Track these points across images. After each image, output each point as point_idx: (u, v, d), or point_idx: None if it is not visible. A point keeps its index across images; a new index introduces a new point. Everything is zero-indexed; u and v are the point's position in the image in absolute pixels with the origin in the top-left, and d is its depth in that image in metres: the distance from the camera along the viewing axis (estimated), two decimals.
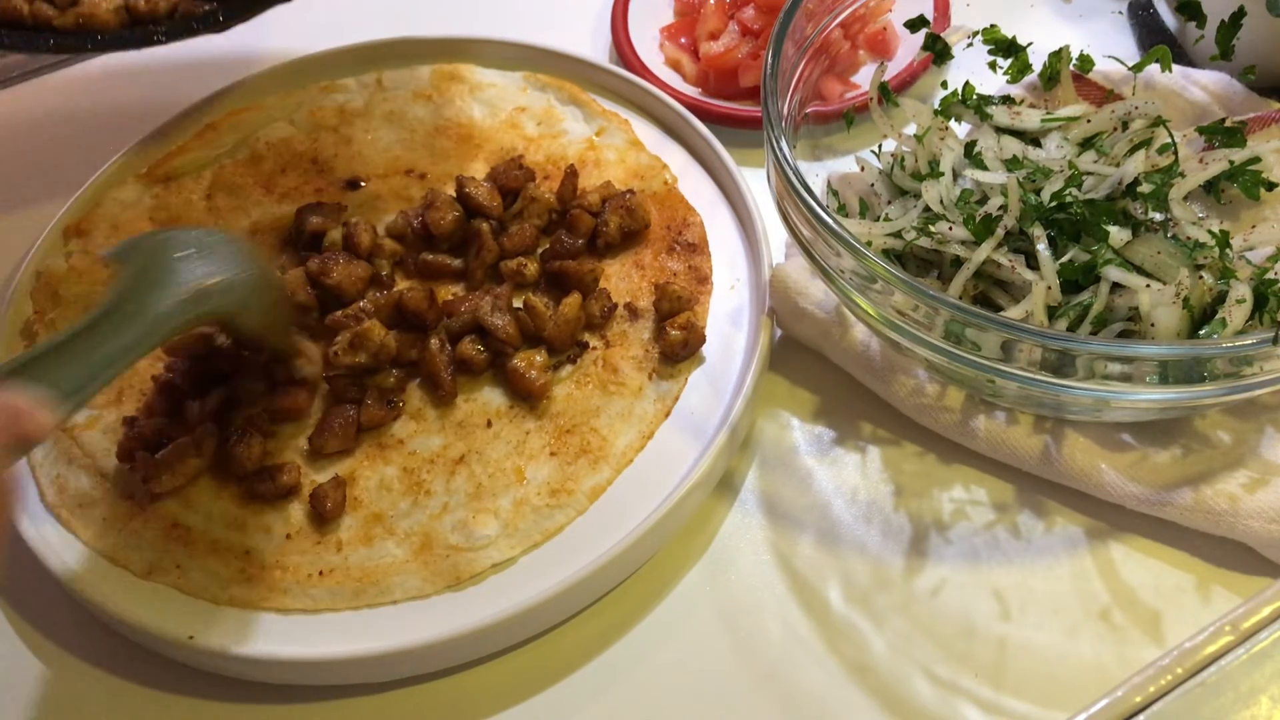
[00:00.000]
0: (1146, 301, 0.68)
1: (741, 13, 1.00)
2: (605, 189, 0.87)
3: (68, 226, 0.90)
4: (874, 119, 0.82)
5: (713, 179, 0.90)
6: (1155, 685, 0.56)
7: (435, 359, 0.78)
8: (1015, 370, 0.63)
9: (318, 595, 0.71)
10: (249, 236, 0.89)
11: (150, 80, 1.07)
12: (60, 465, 0.77)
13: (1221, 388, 0.62)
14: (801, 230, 0.70)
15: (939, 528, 0.73)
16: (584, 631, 0.70)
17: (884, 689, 0.66)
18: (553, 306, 0.80)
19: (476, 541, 0.71)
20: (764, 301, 0.80)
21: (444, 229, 0.84)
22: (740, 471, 0.77)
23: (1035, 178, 0.75)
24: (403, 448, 0.77)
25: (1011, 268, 0.70)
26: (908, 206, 0.78)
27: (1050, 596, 0.69)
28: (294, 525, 0.74)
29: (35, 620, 0.73)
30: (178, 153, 0.94)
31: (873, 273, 0.65)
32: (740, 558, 0.73)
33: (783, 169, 0.69)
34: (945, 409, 0.74)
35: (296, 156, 0.94)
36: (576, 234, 0.84)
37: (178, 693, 0.70)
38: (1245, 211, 0.77)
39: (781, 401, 0.80)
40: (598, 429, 0.76)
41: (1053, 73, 0.84)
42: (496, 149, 0.93)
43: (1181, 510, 0.69)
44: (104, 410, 0.79)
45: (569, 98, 0.96)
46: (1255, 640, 0.57)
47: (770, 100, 0.72)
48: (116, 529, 0.74)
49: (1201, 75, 0.85)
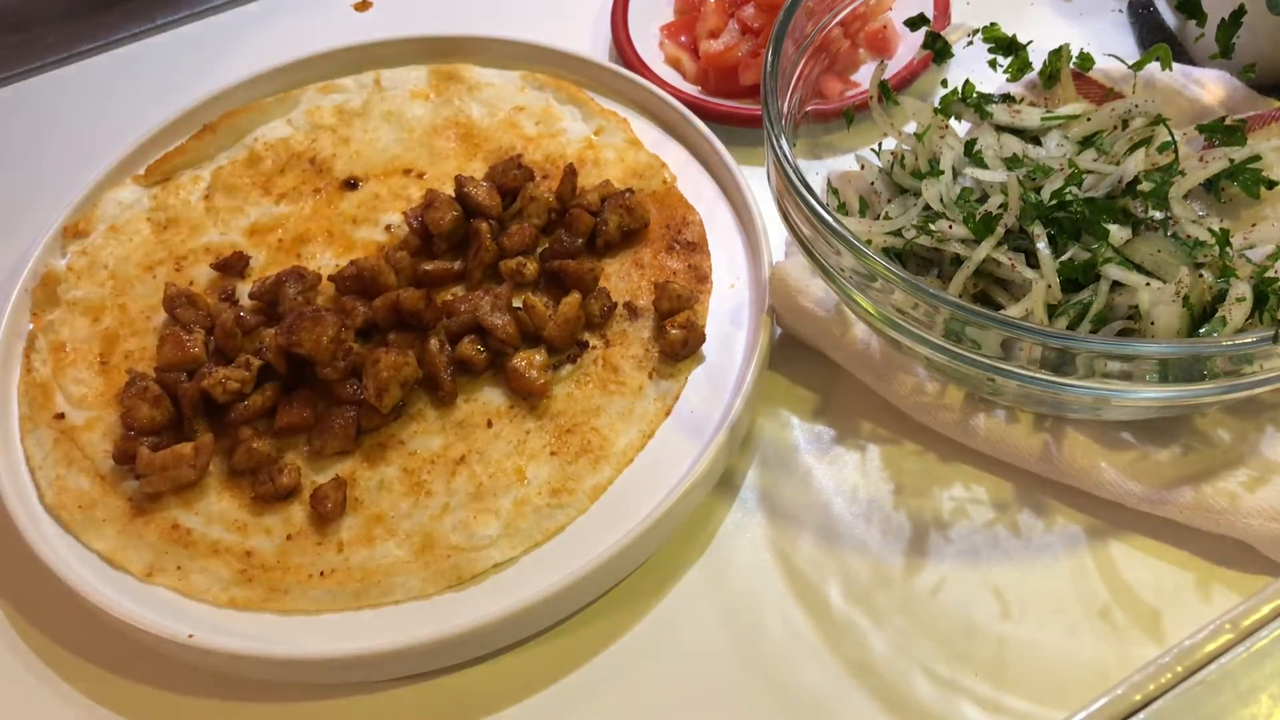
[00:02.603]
0: (1146, 300, 0.68)
1: (741, 11, 1.00)
2: (604, 188, 0.87)
3: (66, 227, 0.90)
4: (874, 117, 0.82)
5: (712, 177, 0.90)
6: (1155, 683, 0.56)
7: (435, 359, 0.78)
8: (1015, 369, 0.63)
9: (319, 596, 0.71)
10: (248, 237, 0.89)
11: (149, 80, 1.07)
12: (60, 467, 0.77)
13: (1221, 386, 0.62)
14: (801, 228, 0.70)
15: (939, 526, 0.73)
16: (585, 629, 0.70)
17: (884, 687, 0.67)
18: (552, 306, 0.80)
19: (478, 541, 0.71)
20: (764, 300, 0.80)
21: (443, 228, 0.84)
22: (740, 470, 0.77)
23: (1035, 176, 0.75)
24: (403, 448, 0.77)
25: (1011, 266, 0.70)
26: (908, 205, 0.78)
27: (1050, 595, 0.69)
28: (295, 526, 0.74)
29: (35, 620, 0.73)
30: (176, 153, 0.94)
31: (873, 271, 0.65)
32: (740, 556, 0.73)
33: (783, 167, 0.69)
34: (945, 407, 0.74)
35: (295, 157, 0.94)
36: (575, 233, 0.84)
37: (178, 692, 0.70)
38: (1245, 210, 0.77)
39: (781, 400, 0.80)
40: (598, 428, 0.76)
41: (1053, 71, 0.84)
42: (495, 148, 0.93)
43: (1181, 508, 0.69)
44: (103, 412, 0.79)
45: (567, 96, 0.96)
46: (1255, 638, 0.57)
47: (770, 98, 0.72)
48: (116, 530, 0.74)
49: (1202, 73, 0.85)
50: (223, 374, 0.76)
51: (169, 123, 0.96)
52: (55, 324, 0.84)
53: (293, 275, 0.82)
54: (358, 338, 0.80)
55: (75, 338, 0.84)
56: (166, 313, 0.83)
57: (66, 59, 1.10)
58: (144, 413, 0.76)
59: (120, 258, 0.88)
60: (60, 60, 1.10)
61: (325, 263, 0.87)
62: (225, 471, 0.76)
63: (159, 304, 0.84)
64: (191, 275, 0.87)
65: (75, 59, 1.10)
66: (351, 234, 0.89)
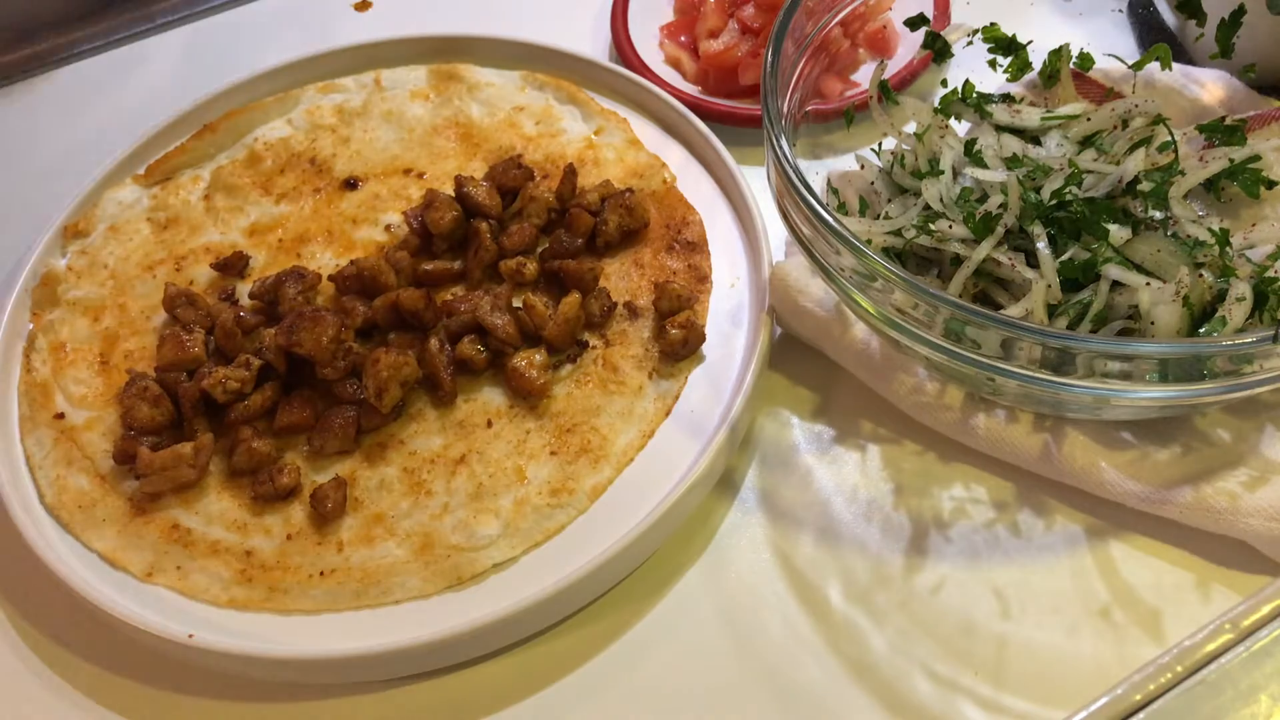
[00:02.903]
0: (1146, 299, 0.68)
1: (741, 11, 1.00)
2: (604, 188, 0.87)
3: (66, 227, 0.90)
4: (874, 117, 0.82)
5: (712, 177, 0.90)
6: (1155, 683, 0.56)
7: (435, 359, 0.78)
8: (1015, 368, 0.63)
9: (319, 596, 0.71)
10: (248, 236, 0.89)
11: (149, 80, 1.07)
12: (60, 467, 0.77)
13: (1221, 385, 0.62)
14: (801, 228, 0.70)
15: (939, 526, 0.73)
16: (585, 629, 0.70)
17: (884, 687, 0.67)
18: (552, 306, 0.80)
19: (477, 541, 0.71)
20: (764, 300, 0.80)
21: (443, 228, 0.84)
22: (740, 470, 0.77)
23: (1035, 176, 0.75)
24: (403, 448, 0.77)
25: (1011, 266, 0.70)
26: (908, 205, 0.78)
27: (1050, 595, 0.69)
28: (294, 526, 0.74)
29: (35, 620, 0.73)
30: (176, 153, 0.94)
31: (873, 271, 0.65)
32: (740, 556, 0.73)
33: (783, 167, 0.69)
34: (945, 407, 0.74)
35: (295, 156, 0.94)
36: (575, 233, 0.84)
37: (179, 692, 0.70)
38: (1245, 209, 0.77)
39: (781, 400, 0.80)
40: (598, 428, 0.76)
41: (1053, 71, 0.84)
42: (495, 148, 0.93)
43: (1181, 508, 0.69)
44: (103, 412, 0.79)
45: (567, 96, 0.96)
46: (1255, 638, 0.57)
47: (770, 98, 0.72)
48: (116, 530, 0.74)
49: (1201, 73, 0.85)
50: (223, 374, 0.76)
51: (169, 122, 0.96)
52: (55, 324, 0.84)
53: (293, 275, 0.82)
54: (358, 337, 0.80)
55: (75, 337, 0.84)
56: (166, 312, 0.84)
57: (66, 59, 1.10)
58: (144, 412, 0.77)
59: (120, 257, 0.88)
60: (60, 60, 1.10)
61: (325, 262, 0.87)
62: (225, 471, 0.76)
63: (159, 304, 0.84)
64: (191, 275, 0.87)
65: (75, 59, 1.10)
66: (351, 234, 0.89)
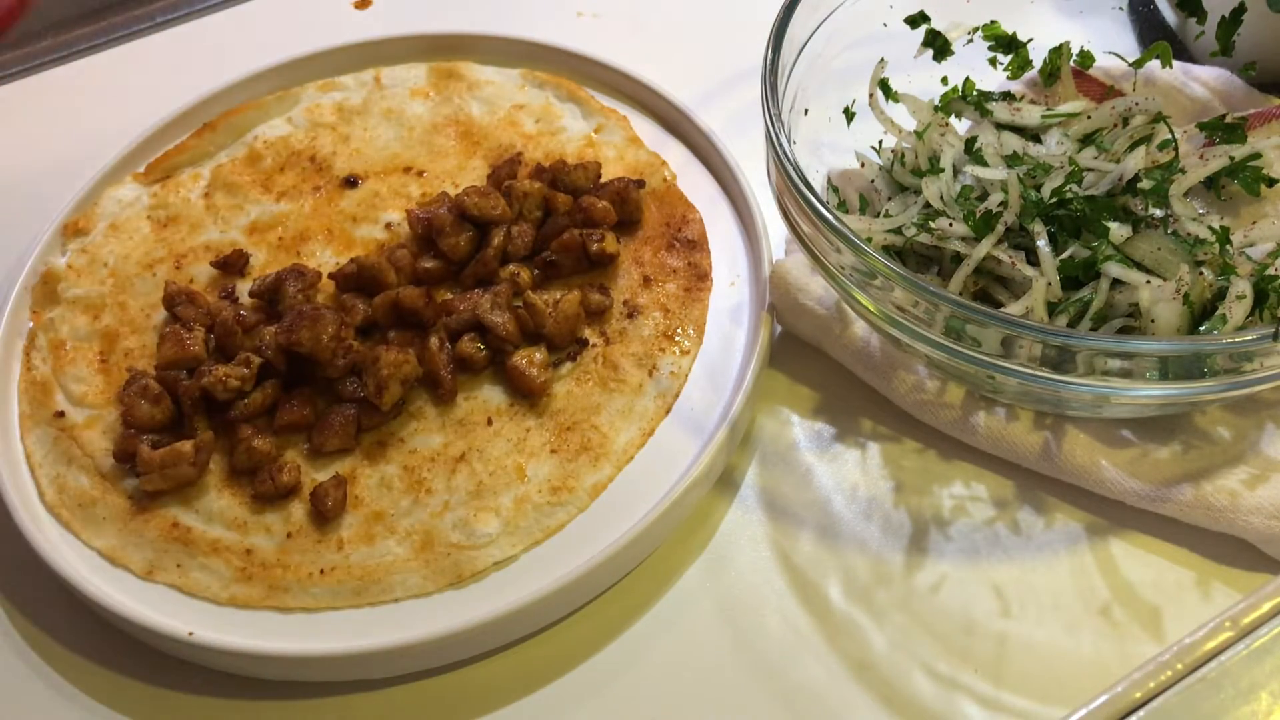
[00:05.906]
0: (1147, 297, 0.68)
1: None
2: (592, 168, 0.87)
3: (66, 225, 0.90)
4: (874, 115, 0.82)
5: (712, 175, 0.90)
6: (1155, 681, 0.56)
7: (435, 357, 0.78)
8: (1015, 366, 0.63)
9: (319, 594, 0.71)
10: (248, 235, 0.89)
11: (149, 79, 1.07)
12: (60, 465, 0.77)
13: (1222, 384, 0.62)
14: (802, 226, 0.70)
15: (939, 524, 0.73)
16: (585, 627, 0.70)
17: (884, 685, 0.67)
18: (552, 304, 0.80)
19: (478, 539, 0.72)
20: (764, 298, 0.80)
21: (461, 253, 0.83)
22: (740, 468, 0.77)
23: (1035, 174, 0.75)
24: (403, 446, 0.77)
25: (1012, 264, 0.70)
26: (908, 203, 0.78)
27: (1050, 593, 0.69)
28: (295, 524, 0.74)
29: (35, 620, 0.73)
30: (176, 151, 0.94)
31: (873, 269, 0.65)
32: (740, 554, 0.73)
33: (783, 165, 0.69)
34: (945, 405, 0.74)
35: (295, 155, 0.94)
36: (560, 214, 0.85)
37: (179, 690, 0.70)
38: (1245, 207, 0.77)
39: (781, 398, 0.80)
40: (598, 426, 0.76)
41: (1053, 69, 0.84)
42: (495, 146, 0.93)
43: (1181, 506, 0.69)
44: (104, 410, 0.79)
45: (567, 94, 0.96)
46: (1255, 636, 0.57)
47: (770, 97, 0.72)
48: (116, 528, 0.74)
49: (1202, 71, 0.85)
50: (223, 372, 0.76)
51: (169, 121, 0.95)
52: (55, 322, 0.84)
53: (293, 273, 0.82)
54: (358, 336, 0.80)
55: (75, 335, 0.84)
56: (166, 310, 0.83)
57: (66, 57, 1.10)
58: (144, 411, 0.76)
59: (120, 256, 0.88)
60: (60, 59, 1.10)
61: (325, 260, 0.87)
62: (225, 469, 0.76)
63: (159, 302, 0.84)
64: (191, 273, 0.87)
65: (75, 57, 1.10)
66: (351, 232, 0.89)
